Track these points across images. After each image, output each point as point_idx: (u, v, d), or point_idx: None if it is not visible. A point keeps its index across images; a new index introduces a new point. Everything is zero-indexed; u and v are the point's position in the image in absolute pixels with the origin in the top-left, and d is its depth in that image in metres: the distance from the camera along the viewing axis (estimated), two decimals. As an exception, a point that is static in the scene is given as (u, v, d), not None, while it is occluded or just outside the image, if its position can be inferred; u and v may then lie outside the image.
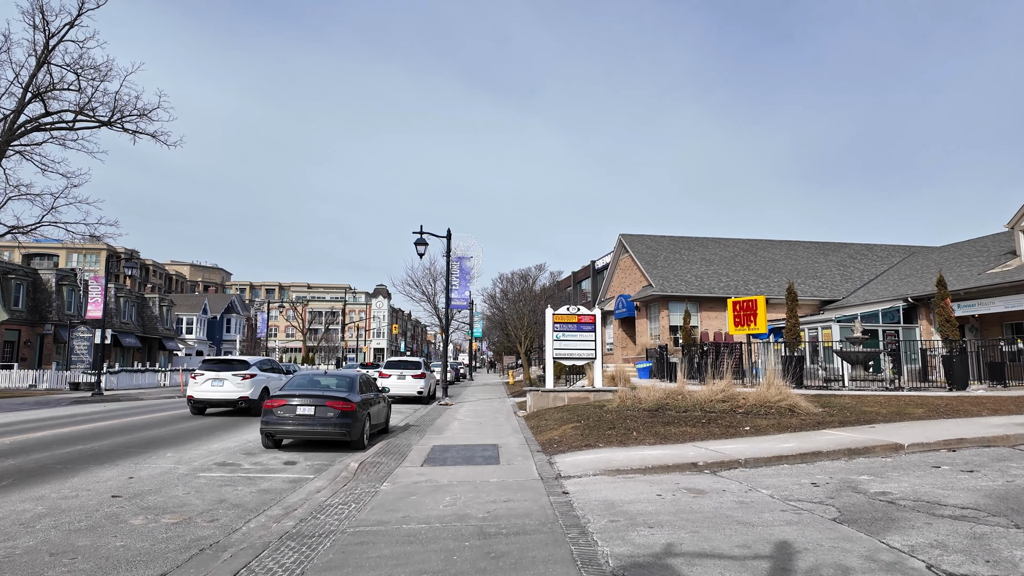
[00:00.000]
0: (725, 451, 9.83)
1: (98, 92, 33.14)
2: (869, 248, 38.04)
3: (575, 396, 18.27)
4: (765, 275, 33.18)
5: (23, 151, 32.77)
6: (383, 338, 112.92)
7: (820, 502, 6.95)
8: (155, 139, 33.74)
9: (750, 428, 11.76)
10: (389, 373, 24.12)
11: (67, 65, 31.09)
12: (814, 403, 13.74)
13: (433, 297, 41.26)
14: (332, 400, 11.56)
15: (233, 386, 18.14)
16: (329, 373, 13.27)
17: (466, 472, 9.26)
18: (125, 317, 44.22)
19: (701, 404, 13.67)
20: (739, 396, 14.09)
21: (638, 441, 11.11)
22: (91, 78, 31.59)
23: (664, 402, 14.16)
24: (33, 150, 32.71)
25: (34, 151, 32.62)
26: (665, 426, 12.08)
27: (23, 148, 32.71)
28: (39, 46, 31.13)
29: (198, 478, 9.15)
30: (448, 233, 23.76)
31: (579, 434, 12.07)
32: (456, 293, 23.62)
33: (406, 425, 16.19)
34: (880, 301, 28.19)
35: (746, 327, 20.89)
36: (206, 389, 18.14)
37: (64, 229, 33.96)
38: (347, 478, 9.02)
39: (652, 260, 33.39)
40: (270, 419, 11.51)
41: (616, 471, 8.84)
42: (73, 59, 31.54)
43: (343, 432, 11.45)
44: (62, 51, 31.01)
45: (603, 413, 14.06)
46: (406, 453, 11.04)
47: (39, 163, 32.46)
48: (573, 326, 18.76)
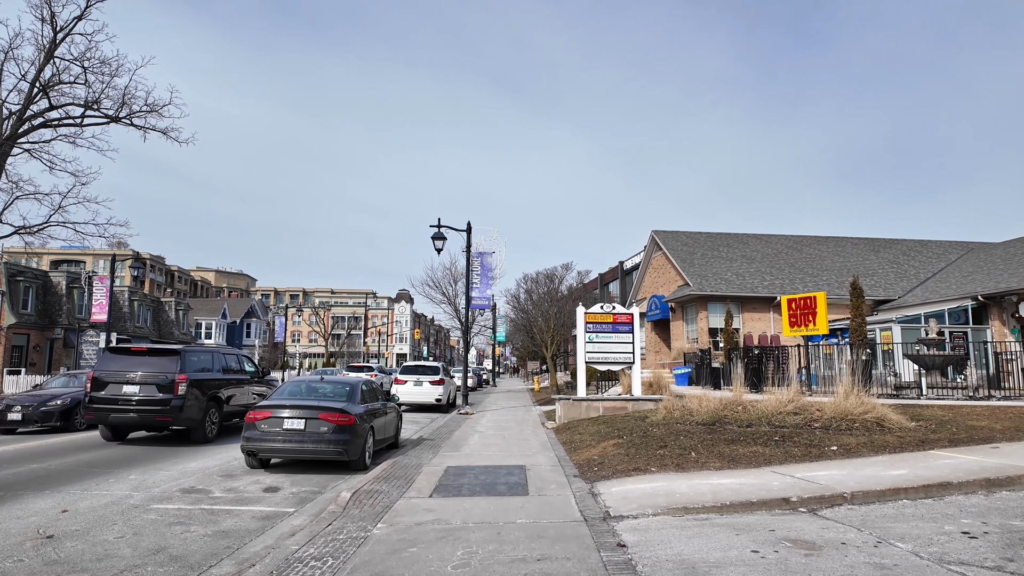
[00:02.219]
0: (818, 480, 7.65)
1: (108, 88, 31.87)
2: (923, 244, 35.22)
3: (610, 406, 16.15)
4: (812, 273, 30.64)
5: (32, 149, 31.71)
6: (406, 343, 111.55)
7: (997, 568, 4.78)
8: (166, 136, 32.08)
9: (837, 448, 9.54)
10: (405, 379, 22.21)
11: (75, 59, 29.95)
12: (902, 415, 11.45)
13: (454, 299, 39.40)
14: (327, 412, 9.62)
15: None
16: (327, 379, 11.33)
17: (485, 507, 7.22)
18: (139, 321, 43.09)
19: (767, 417, 11.46)
20: (811, 407, 11.84)
21: (700, 465, 8.96)
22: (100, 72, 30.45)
23: (721, 414, 11.97)
24: (41, 148, 31.64)
25: (42, 149, 31.54)
26: (729, 445, 9.91)
27: (32, 146, 31.63)
28: (46, 40, 29.98)
29: (148, 512, 7.25)
30: (468, 226, 21.83)
31: (623, 454, 9.97)
32: (477, 292, 21.66)
33: (419, 439, 14.22)
34: (944, 300, 25.54)
35: (803, 327, 18.53)
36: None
37: (73, 229, 32.62)
38: (334, 513, 7.05)
39: (688, 258, 31.06)
40: (252, 435, 9.61)
41: (684, 509, 6.72)
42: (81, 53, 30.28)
43: (339, 451, 9.50)
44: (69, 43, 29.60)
45: (648, 427, 11.93)
46: (414, 477, 9.04)
47: (47, 161, 31.34)
48: (608, 326, 16.65)
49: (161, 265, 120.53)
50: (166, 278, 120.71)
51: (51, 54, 29.77)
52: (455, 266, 39.53)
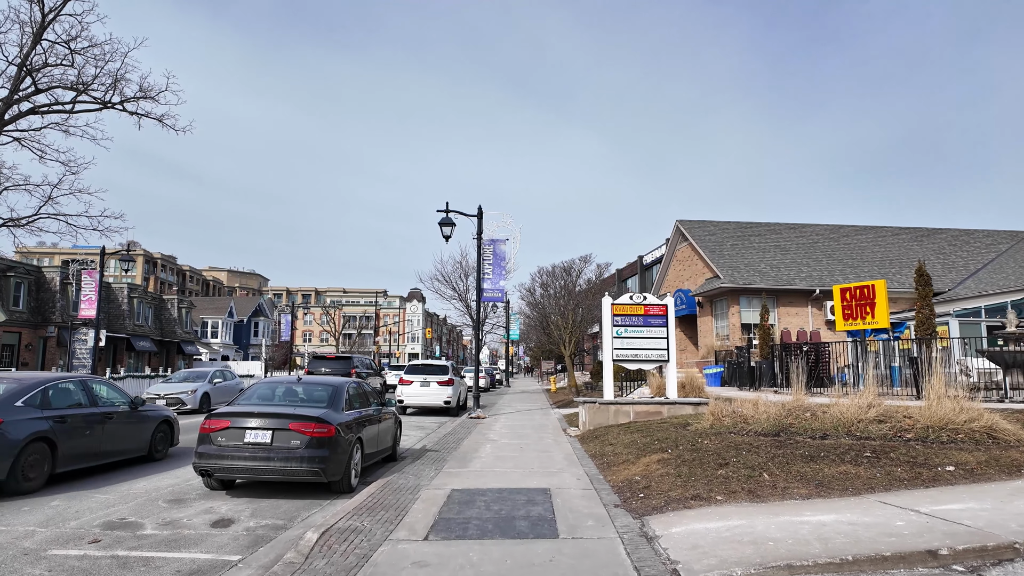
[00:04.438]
0: (958, 518, 5.54)
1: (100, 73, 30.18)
2: (969, 234, 32.71)
3: (642, 410, 14.07)
4: (853, 264, 28.30)
5: (22, 138, 30.14)
6: (418, 343, 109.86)
7: None
8: (162, 123, 30.79)
9: (954, 468, 7.40)
10: (411, 379, 20.23)
11: (64, 41, 28.34)
12: (1016, 423, 9.28)
13: (465, 295, 37.41)
14: (300, 421, 7.63)
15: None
16: (306, 380, 9.28)
17: (500, 558, 5.19)
18: (139, 319, 41.48)
19: (844, 426, 9.34)
20: (896, 413, 9.70)
21: (780, 491, 6.87)
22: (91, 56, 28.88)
23: (785, 422, 9.85)
24: (32, 136, 30.13)
25: (33, 138, 30.01)
26: (809, 463, 7.80)
27: (21, 134, 30.06)
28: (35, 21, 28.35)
29: (36, 563, 5.28)
30: (479, 211, 19.81)
31: (674, 473, 7.89)
32: (489, 283, 19.63)
33: (422, 448, 12.22)
34: (1003, 291, 23.17)
35: (859, 320, 16.35)
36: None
37: (65, 222, 31.18)
38: (292, 566, 5.05)
39: (717, 248, 28.81)
40: (207, 450, 7.63)
41: (787, 568, 4.65)
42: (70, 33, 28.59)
43: (315, 470, 7.49)
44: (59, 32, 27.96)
45: (696, 438, 9.84)
46: (408, 506, 7.02)
47: (37, 150, 29.79)
48: (638, 319, 14.57)
49: (172, 264, 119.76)
50: (177, 278, 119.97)
51: (39, 36, 28.19)
52: (466, 259, 37.56)
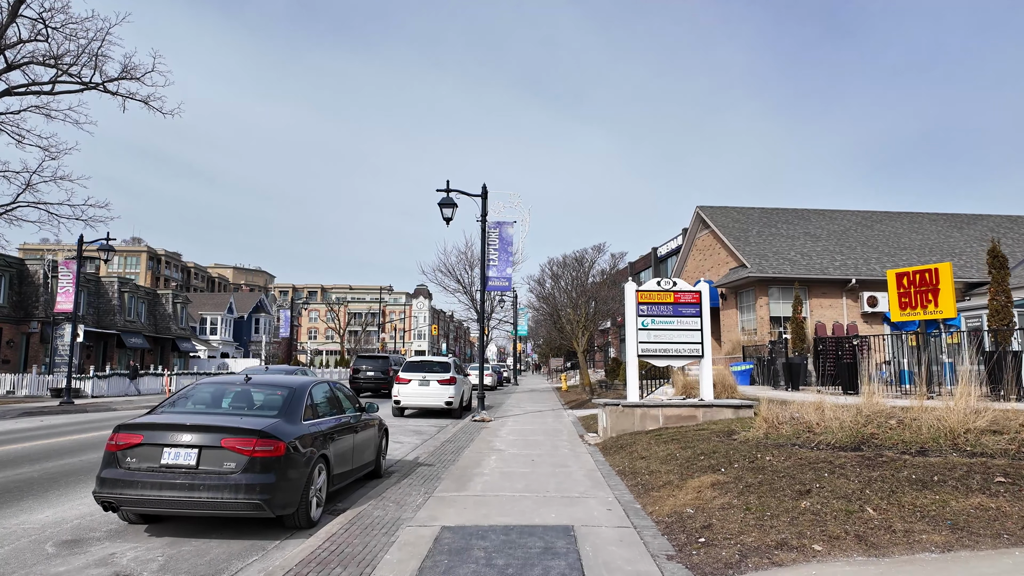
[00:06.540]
0: None
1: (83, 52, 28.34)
2: (1012, 220, 30.40)
3: (673, 414, 12.05)
4: (890, 252, 26.10)
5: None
6: (424, 340, 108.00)
7: None
8: (148, 105, 29.15)
9: None
10: (408, 378, 18.27)
11: (40, 18, 26.54)
12: None
13: (469, 287, 35.48)
14: (235, 435, 5.66)
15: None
16: (256, 380, 7.24)
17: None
18: (131, 315, 39.73)
19: (949, 437, 7.29)
20: (1009, 421, 7.65)
21: (901, 535, 4.85)
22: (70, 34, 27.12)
23: (866, 432, 7.81)
24: (9, 119, 28.39)
25: (10, 120, 28.27)
26: (922, 491, 5.76)
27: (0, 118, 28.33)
28: (11, 1, 26.54)
29: None
30: (484, 190, 17.81)
31: (739, 505, 5.89)
32: (495, 270, 17.64)
33: (414, 460, 10.25)
34: (1063, 280, 20.95)
35: (920, 309, 14.24)
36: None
37: (45, 211, 29.55)
38: None
39: (742, 236, 26.67)
40: (113, 474, 5.68)
41: None
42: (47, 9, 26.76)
43: (254, 503, 5.52)
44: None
45: (753, 452, 7.83)
46: (376, 558, 5.04)
47: (15, 134, 28.05)
48: (667, 308, 12.53)
49: (177, 261, 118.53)
50: (182, 274, 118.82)
51: (16, 11, 26.42)
52: (471, 250, 35.63)
